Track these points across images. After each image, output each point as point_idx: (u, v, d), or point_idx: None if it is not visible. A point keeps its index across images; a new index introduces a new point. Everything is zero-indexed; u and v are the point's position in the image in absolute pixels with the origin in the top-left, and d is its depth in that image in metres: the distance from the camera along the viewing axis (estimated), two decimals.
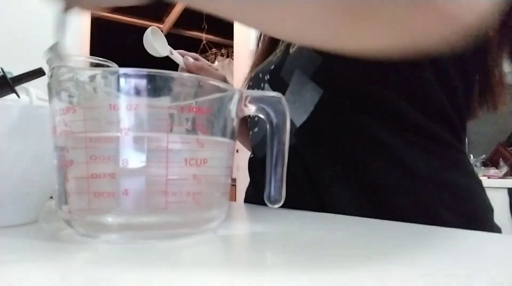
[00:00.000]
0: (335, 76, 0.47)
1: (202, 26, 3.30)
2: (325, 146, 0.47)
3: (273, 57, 0.59)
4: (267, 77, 0.56)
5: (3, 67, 0.36)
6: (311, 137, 0.49)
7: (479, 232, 0.28)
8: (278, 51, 0.58)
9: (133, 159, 0.23)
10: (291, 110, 0.50)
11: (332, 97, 0.47)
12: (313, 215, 0.41)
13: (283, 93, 0.51)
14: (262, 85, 0.57)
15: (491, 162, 2.28)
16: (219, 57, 3.65)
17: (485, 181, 1.61)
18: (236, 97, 0.28)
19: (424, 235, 0.29)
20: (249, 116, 0.58)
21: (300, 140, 0.49)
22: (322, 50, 0.46)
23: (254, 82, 0.60)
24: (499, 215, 0.50)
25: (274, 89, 0.54)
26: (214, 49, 3.58)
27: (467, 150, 0.51)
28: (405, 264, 0.20)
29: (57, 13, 0.30)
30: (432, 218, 0.41)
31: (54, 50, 0.29)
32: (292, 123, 0.50)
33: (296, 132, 0.50)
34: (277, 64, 0.54)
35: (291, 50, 0.52)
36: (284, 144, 0.30)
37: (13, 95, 0.35)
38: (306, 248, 0.24)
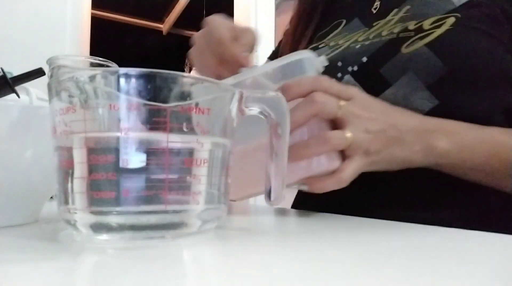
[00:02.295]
0: (456, 90, 0.45)
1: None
2: None
3: (350, 43, 0.53)
4: (353, 68, 0.51)
5: (3, 67, 0.36)
6: None
7: (479, 232, 0.28)
8: (361, 39, 0.53)
9: (133, 159, 0.23)
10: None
11: (444, 111, 0.44)
12: (313, 215, 0.41)
13: (380, 91, 0.47)
14: (339, 75, 0.51)
15: None
16: None
17: None
18: (236, 97, 0.28)
19: (424, 235, 0.29)
20: None
21: None
22: (448, 59, 0.45)
23: (326, 68, 0.53)
24: None
25: (363, 84, 0.49)
26: None
27: None
28: (405, 264, 0.20)
29: None
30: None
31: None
32: None
33: None
34: (375, 59, 0.49)
35: (405, 50, 0.47)
36: (284, 144, 0.30)
37: (13, 95, 0.35)
38: (306, 248, 0.24)
